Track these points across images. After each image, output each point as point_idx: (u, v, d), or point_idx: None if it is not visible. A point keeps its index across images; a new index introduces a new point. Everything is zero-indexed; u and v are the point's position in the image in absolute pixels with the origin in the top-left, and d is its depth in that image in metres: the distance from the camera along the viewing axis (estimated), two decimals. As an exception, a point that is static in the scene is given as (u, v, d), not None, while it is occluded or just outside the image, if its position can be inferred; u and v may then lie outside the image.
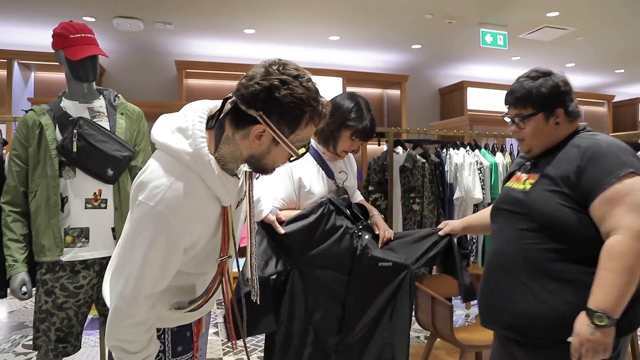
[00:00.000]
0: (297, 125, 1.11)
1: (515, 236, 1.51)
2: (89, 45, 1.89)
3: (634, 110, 8.64)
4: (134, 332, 1.15)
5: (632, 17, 5.13)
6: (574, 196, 1.41)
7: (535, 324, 1.43)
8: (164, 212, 1.06)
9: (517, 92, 1.55)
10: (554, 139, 1.54)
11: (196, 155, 1.09)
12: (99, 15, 4.94)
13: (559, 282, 1.41)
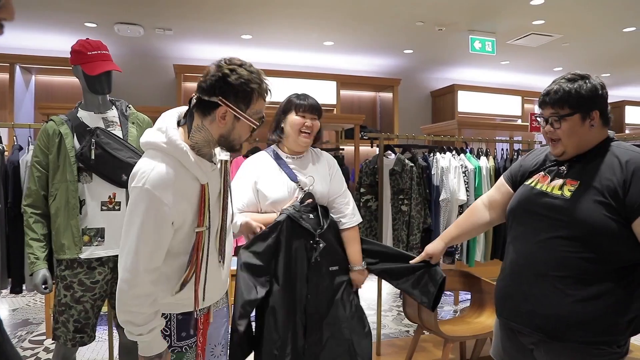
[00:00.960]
0: (250, 101, 1.38)
1: (551, 242, 1.52)
2: (105, 61, 2.07)
3: (620, 112, 8.86)
4: (138, 304, 1.34)
5: (615, 24, 5.34)
6: (618, 209, 1.43)
7: (570, 328, 1.47)
8: (150, 189, 1.31)
9: (556, 92, 1.55)
10: (587, 141, 1.55)
11: (171, 143, 1.36)
12: (100, 21, 5.09)
13: (594, 290, 1.45)
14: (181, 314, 1.51)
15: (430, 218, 3.15)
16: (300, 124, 2.01)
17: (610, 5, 4.76)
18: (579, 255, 1.46)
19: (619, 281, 1.45)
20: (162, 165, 1.34)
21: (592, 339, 1.46)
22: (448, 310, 4.55)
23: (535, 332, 1.56)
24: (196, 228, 1.43)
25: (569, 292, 1.47)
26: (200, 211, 1.43)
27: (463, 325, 2.96)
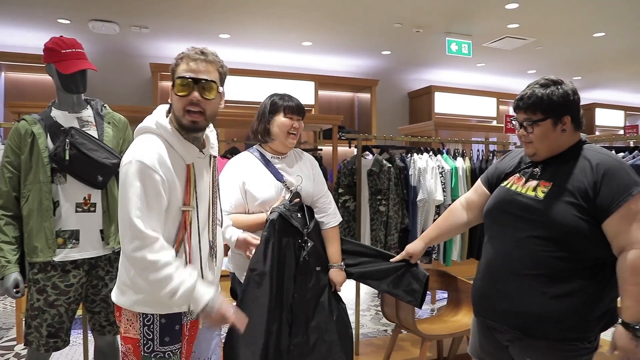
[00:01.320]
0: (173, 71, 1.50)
1: (526, 241, 1.57)
2: (80, 60, 2.02)
3: (591, 114, 9.09)
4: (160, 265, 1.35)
5: (585, 30, 5.50)
6: (589, 209, 1.48)
7: (543, 325, 1.53)
8: (140, 159, 1.38)
9: (529, 98, 1.60)
10: (559, 145, 1.61)
11: (157, 124, 1.46)
12: (73, 18, 4.97)
13: (566, 287, 1.50)
14: (165, 316, 1.48)
15: (407, 218, 3.18)
16: (289, 126, 2.06)
17: (581, 11, 4.89)
18: (552, 254, 1.52)
19: (590, 279, 1.51)
20: (150, 142, 1.43)
21: (564, 335, 1.52)
22: (425, 309, 4.60)
23: (511, 329, 1.61)
24: (182, 206, 1.46)
25: (543, 289, 1.53)
26: (187, 189, 1.47)
27: (440, 323, 3.01)
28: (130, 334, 1.50)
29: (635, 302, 1.42)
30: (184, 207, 1.47)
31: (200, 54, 1.49)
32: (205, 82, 1.45)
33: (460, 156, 3.53)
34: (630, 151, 3.05)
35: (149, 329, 1.46)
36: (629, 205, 1.44)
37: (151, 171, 1.37)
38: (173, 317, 1.49)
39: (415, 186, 3.22)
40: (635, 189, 1.45)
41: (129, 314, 1.49)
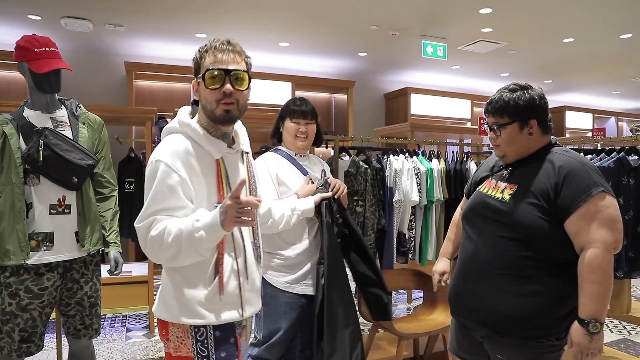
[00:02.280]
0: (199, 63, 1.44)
1: (495, 242, 1.63)
2: (54, 59, 1.99)
3: (561, 117, 9.36)
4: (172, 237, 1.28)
5: (555, 35, 5.65)
6: (551, 210, 1.54)
7: (509, 322, 1.58)
8: (160, 159, 1.34)
9: (496, 102, 1.66)
10: (527, 148, 1.66)
11: (179, 122, 1.43)
12: (45, 14, 4.85)
13: (533, 286, 1.55)
14: (219, 328, 1.37)
15: (384, 219, 3.22)
16: (295, 130, 2.16)
17: (551, 17, 5.03)
18: (518, 254, 1.57)
19: (556, 278, 1.56)
20: (172, 141, 1.39)
21: (532, 332, 1.57)
22: (402, 308, 4.67)
23: (482, 327, 1.67)
24: (216, 203, 1.38)
25: (510, 288, 1.58)
26: (219, 185, 1.41)
27: (416, 322, 3.05)
28: (182, 352, 1.38)
29: (590, 299, 1.46)
30: (217, 203, 1.37)
31: (227, 44, 1.41)
32: (237, 72, 1.39)
33: (435, 157, 3.59)
34: (597, 153, 3.16)
35: (203, 345, 1.35)
36: (588, 205, 1.48)
37: (171, 171, 1.32)
38: (227, 328, 1.39)
39: (392, 187, 3.27)
40: (595, 190, 1.49)
41: (178, 330, 1.38)
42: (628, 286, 3.24)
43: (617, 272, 2.86)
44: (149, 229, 1.29)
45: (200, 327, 1.35)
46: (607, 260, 1.46)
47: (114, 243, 2.21)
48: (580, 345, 1.48)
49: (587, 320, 1.46)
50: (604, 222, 1.47)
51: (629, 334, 3.92)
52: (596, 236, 1.47)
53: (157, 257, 1.32)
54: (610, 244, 1.47)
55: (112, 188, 2.25)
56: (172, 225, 1.28)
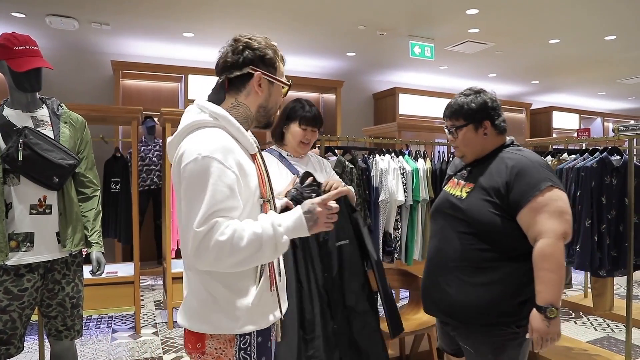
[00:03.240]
0: (275, 63, 1.37)
1: (454, 237, 1.74)
2: (34, 57, 1.96)
3: (548, 117, 9.45)
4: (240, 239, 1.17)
5: (542, 36, 5.71)
6: (503, 206, 1.65)
7: (469, 312, 1.69)
8: (210, 155, 1.20)
9: (452, 106, 1.82)
10: (483, 148, 1.80)
11: (218, 115, 1.29)
12: (29, 12, 4.79)
13: (489, 277, 1.66)
14: (261, 333, 1.32)
15: (369, 218, 3.23)
16: (302, 136, 2.13)
17: (537, 18, 5.08)
18: (475, 248, 1.69)
19: (513, 268, 1.66)
20: (215, 136, 1.25)
21: (490, 320, 1.67)
22: (388, 307, 4.68)
23: (446, 318, 1.79)
24: (260, 199, 1.32)
25: (468, 280, 1.69)
26: (261, 180, 1.33)
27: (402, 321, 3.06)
28: None
29: (544, 286, 1.56)
30: (262, 199, 1.32)
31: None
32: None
33: (421, 157, 3.61)
34: (581, 153, 3.20)
35: (246, 352, 1.29)
36: (537, 199, 1.59)
37: (225, 168, 1.20)
38: (266, 332, 1.34)
39: (377, 187, 3.27)
40: (543, 184, 1.60)
41: (218, 342, 1.28)
42: (611, 285, 3.28)
43: (600, 271, 2.90)
44: (212, 232, 1.15)
45: (245, 335, 1.29)
46: (558, 248, 1.56)
47: (96, 243, 2.18)
48: (539, 330, 1.55)
49: (544, 307, 1.54)
50: (553, 213, 1.57)
51: (612, 331, 3.97)
52: (546, 227, 1.56)
53: (220, 263, 1.18)
54: (560, 233, 1.56)
55: (94, 188, 2.23)
56: (242, 229, 1.18)
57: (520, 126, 9.31)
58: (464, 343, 1.77)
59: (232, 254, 1.16)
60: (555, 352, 3.31)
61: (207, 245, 1.15)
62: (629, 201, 2.83)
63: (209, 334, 1.28)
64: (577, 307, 4.59)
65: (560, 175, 3.11)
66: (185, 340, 1.33)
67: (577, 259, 2.90)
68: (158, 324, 4.08)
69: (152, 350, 3.50)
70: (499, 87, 8.63)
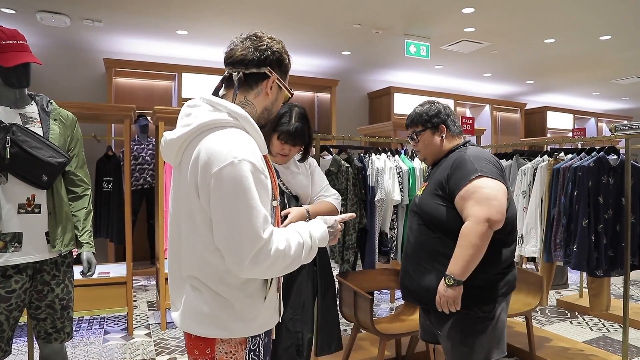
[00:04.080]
0: (287, 70, 1.38)
1: (415, 230, 1.98)
2: (22, 52, 1.90)
3: (543, 117, 9.47)
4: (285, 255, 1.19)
5: (537, 36, 5.70)
6: (445, 196, 1.88)
7: (431, 294, 1.86)
8: (247, 159, 1.16)
9: (412, 116, 2.10)
10: (440, 150, 2.03)
11: (235, 114, 1.24)
12: (20, 8, 4.71)
13: (443, 263, 1.83)
14: (267, 333, 1.33)
15: (365, 218, 3.20)
16: (279, 149, 2.08)
17: (533, 18, 5.07)
18: (429, 237, 1.91)
19: None
20: (241, 137, 1.21)
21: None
22: (385, 308, 4.66)
23: (416, 302, 2.01)
24: (274, 202, 1.31)
25: (429, 266, 1.89)
26: (273, 182, 1.31)
27: (397, 322, 3.04)
28: None
29: (453, 259, 1.77)
30: (275, 202, 1.32)
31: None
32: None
33: (417, 157, 3.58)
34: (578, 153, 3.18)
35: (255, 354, 1.29)
36: (467, 187, 1.79)
37: (260, 173, 1.19)
38: (269, 332, 1.37)
39: (373, 186, 3.24)
40: (473, 174, 1.80)
41: (229, 346, 1.27)
42: (607, 285, 3.27)
43: (597, 271, 2.89)
44: (272, 240, 1.16)
45: (256, 336, 1.30)
46: (475, 230, 1.73)
47: (87, 243, 2.13)
48: (439, 292, 1.80)
49: (447, 275, 1.78)
50: (479, 200, 1.76)
51: (608, 331, 3.96)
52: (471, 212, 1.76)
53: (271, 270, 1.19)
54: (481, 217, 1.73)
55: (85, 187, 2.18)
56: (289, 237, 1.22)
57: (514, 126, 9.33)
58: (437, 329, 1.95)
59: (284, 261, 1.19)
60: (552, 352, 3.30)
61: (268, 252, 1.15)
62: (625, 201, 2.81)
63: (220, 339, 1.26)
64: (573, 307, 4.58)
65: (556, 174, 3.09)
66: (191, 346, 1.29)
67: (574, 259, 2.89)
68: (151, 325, 4.03)
69: (145, 351, 3.45)
70: (494, 86, 8.63)
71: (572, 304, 4.61)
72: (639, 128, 2.78)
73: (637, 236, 2.93)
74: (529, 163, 3.42)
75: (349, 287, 2.81)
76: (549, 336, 3.65)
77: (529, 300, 3.19)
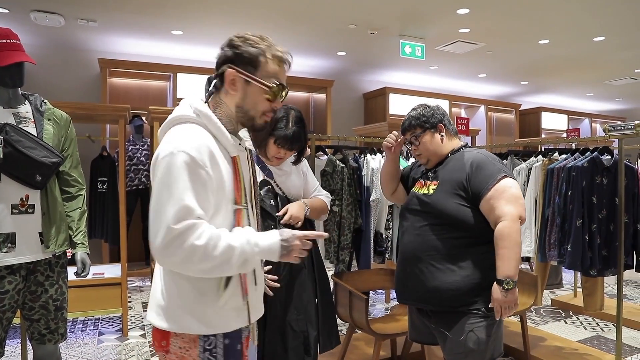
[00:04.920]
0: (258, 62, 1.30)
1: (423, 229, 1.93)
2: (16, 51, 1.90)
3: (537, 118, 9.51)
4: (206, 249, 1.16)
5: (532, 37, 5.73)
6: (466, 197, 1.87)
7: (443, 295, 1.86)
8: (185, 150, 1.19)
9: (407, 121, 2.08)
10: (442, 150, 2.04)
11: (197, 111, 1.28)
12: (13, 7, 4.69)
13: (458, 262, 1.86)
14: (228, 335, 1.29)
15: (361, 218, 3.20)
16: (275, 153, 2.08)
17: (528, 19, 5.09)
18: (444, 236, 1.88)
19: (480, 253, 1.86)
20: (192, 132, 1.24)
21: (462, 302, 1.85)
22: (380, 308, 4.66)
23: (422, 304, 1.96)
24: (234, 205, 1.29)
25: (439, 266, 1.87)
26: (237, 186, 1.29)
27: (393, 322, 3.04)
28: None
29: (502, 262, 1.78)
30: (236, 205, 1.29)
31: (289, 57, 1.38)
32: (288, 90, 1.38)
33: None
34: (572, 153, 3.20)
35: (211, 354, 1.27)
36: (495, 187, 1.82)
37: (198, 166, 1.19)
38: (235, 335, 1.31)
39: (369, 186, 3.25)
40: (499, 175, 1.84)
41: (182, 341, 1.26)
42: (601, 284, 3.28)
43: (591, 270, 2.90)
44: (188, 233, 1.14)
45: (209, 336, 1.27)
46: (514, 229, 1.77)
47: (81, 244, 2.12)
48: (498, 300, 1.78)
49: (502, 279, 1.77)
50: (509, 199, 1.80)
51: (602, 330, 3.98)
52: (505, 211, 1.79)
53: (186, 266, 1.18)
54: (516, 216, 1.79)
55: (79, 187, 2.17)
56: (218, 237, 1.18)
57: (509, 127, 9.36)
58: (441, 327, 1.92)
59: (203, 260, 1.16)
60: (546, 351, 3.31)
61: (180, 245, 1.14)
62: (619, 201, 2.83)
63: (174, 332, 1.27)
64: (567, 307, 4.61)
65: (551, 174, 3.11)
66: (153, 337, 1.33)
67: (568, 259, 2.90)
68: (146, 326, 4.01)
69: (140, 353, 3.43)
70: (489, 87, 8.66)
71: (566, 304, 4.63)
72: (632, 128, 2.79)
73: (630, 236, 2.95)
74: (524, 163, 3.43)
75: (344, 287, 2.81)
76: (544, 336, 3.67)
77: (523, 300, 3.20)
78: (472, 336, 1.85)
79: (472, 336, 1.85)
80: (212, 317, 1.26)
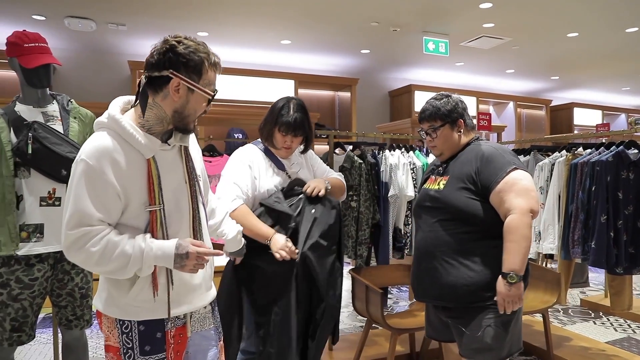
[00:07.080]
0: (201, 71, 1.36)
1: (435, 225, 1.92)
2: (43, 54, 2.02)
3: (569, 114, 9.24)
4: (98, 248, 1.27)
5: (559, 30, 5.59)
6: (476, 190, 1.85)
7: (457, 291, 1.85)
8: (85, 159, 1.29)
9: (428, 109, 2.03)
10: (457, 144, 2.02)
11: (109, 117, 1.35)
12: (49, 14, 4.91)
13: (472, 257, 1.84)
14: (143, 322, 1.38)
15: (379, 214, 3.22)
16: (282, 142, 2.14)
17: (553, 11, 4.97)
18: (455, 231, 1.87)
19: (490, 248, 1.84)
20: (99, 138, 1.32)
21: (478, 297, 1.83)
22: (403, 305, 4.65)
23: (438, 301, 1.94)
24: (148, 207, 1.34)
25: (453, 262, 1.86)
26: (149, 188, 1.35)
27: (411, 318, 3.04)
28: (110, 342, 1.41)
29: (508, 255, 1.76)
30: (149, 207, 1.34)
31: (219, 62, 1.44)
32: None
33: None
34: (597, 147, 3.12)
35: (128, 337, 1.37)
36: (505, 180, 1.79)
37: (97, 173, 1.27)
38: (153, 323, 1.39)
39: (387, 182, 3.26)
40: (508, 167, 1.81)
41: (108, 321, 1.40)
42: (629, 283, 3.20)
43: (617, 268, 2.83)
44: (83, 240, 1.26)
45: (125, 321, 1.38)
46: (524, 222, 1.74)
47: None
48: (501, 293, 1.76)
49: (507, 273, 1.75)
50: (519, 192, 1.77)
51: (633, 332, 3.87)
52: (514, 204, 1.76)
53: (87, 266, 1.33)
54: (526, 209, 1.76)
55: (103, 181, 2.27)
56: (114, 245, 1.28)
57: (540, 123, 9.14)
58: (457, 323, 1.90)
59: (100, 264, 1.28)
60: (571, 351, 3.25)
61: (78, 249, 1.27)
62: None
63: (104, 314, 1.41)
64: (597, 307, 4.49)
65: (574, 169, 3.05)
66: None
67: (592, 256, 2.84)
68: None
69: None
70: (518, 83, 8.48)
71: (596, 304, 4.52)
72: (658, 121, 2.71)
73: (658, 232, 2.86)
74: (547, 159, 3.38)
75: (361, 281, 2.83)
76: (570, 335, 3.59)
77: (546, 298, 3.15)
78: (489, 331, 1.82)
79: (490, 331, 1.82)
80: (125, 307, 1.37)
